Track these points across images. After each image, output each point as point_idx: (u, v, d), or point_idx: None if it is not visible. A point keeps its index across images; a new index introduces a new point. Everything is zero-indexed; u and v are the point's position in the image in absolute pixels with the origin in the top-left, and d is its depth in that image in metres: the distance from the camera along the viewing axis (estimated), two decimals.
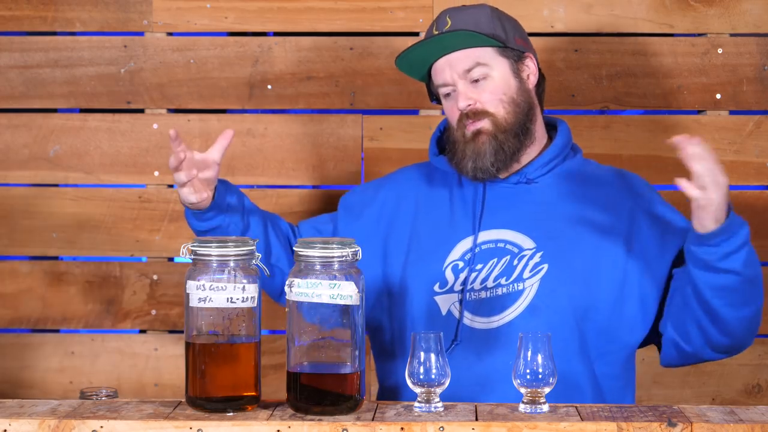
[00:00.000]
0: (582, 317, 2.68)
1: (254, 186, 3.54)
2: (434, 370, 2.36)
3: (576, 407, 2.39)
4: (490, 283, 2.71)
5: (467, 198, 2.81)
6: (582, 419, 2.29)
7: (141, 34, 3.53)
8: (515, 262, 2.71)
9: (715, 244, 2.53)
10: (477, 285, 2.72)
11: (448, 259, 2.76)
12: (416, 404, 2.37)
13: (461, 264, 2.74)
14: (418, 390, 2.37)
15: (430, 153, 2.91)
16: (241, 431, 2.27)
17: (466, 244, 2.76)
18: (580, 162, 2.86)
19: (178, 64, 3.52)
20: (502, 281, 2.71)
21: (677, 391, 3.47)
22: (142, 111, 3.54)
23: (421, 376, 2.36)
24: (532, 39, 3.48)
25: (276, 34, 3.55)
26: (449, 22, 2.76)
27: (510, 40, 2.80)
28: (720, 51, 3.46)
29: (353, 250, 2.35)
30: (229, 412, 2.33)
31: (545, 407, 2.35)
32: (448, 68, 2.77)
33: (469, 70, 2.75)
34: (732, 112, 3.49)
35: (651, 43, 3.48)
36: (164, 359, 3.55)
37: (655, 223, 2.78)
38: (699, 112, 3.49)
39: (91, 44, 3.53)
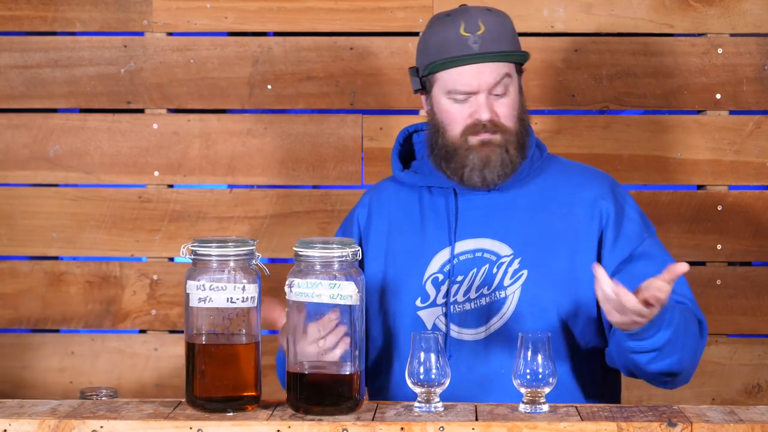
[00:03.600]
0: (567, 319, 2.68)
1: (254, 186, 3.54)
2: (434, 370, 2.36)
3: (576, 407, 2.39)
4: (472, 294, 2.69)
5: (439, 209, 2.77)
6: (582, 419, 2.29)
7: (141, 34, 3.53)
8: (494, 270, 2.69)
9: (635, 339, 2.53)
10: (460, 297, 2.70)
11: (427, 273, 2.73)
12: (416, 404, 2.37)
13: (441, 276, 2.72)
14: (418, 390, 2.37)
15: (394, 168, 2.84)
16: (241, 431, 2.27)
17: (443, 255, 2.74)
18: (548, 161, 2.82)
19: (178, 64, 3.52)
20: (484, 291, 2.69)
21: (677, 391, 3.47)
22: (142, 111, 3.54)
23: (421, 376, 2.36)
24: (532, 39, 3.49)
25: (276, 34, 3.55)
26: (482, 28, 2.68)
27: (524, 56, 2.77)
28: (720, 51, 3.46)
29: (353, 250, 2.35)
30: (229, 412, 2.33)
31: (545, 407, 2.35)
32: (478, 77, 2.68)
33: (496, 84, 2.69)
34: (732, 112, 3.49)
35: (651, 43, 3.48)
36: (164, 359, 3.55)
37: (614, 227, 2.74)
38: (699, 112, 3.49)
39: (91, 44, 3.53)
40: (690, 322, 2.58)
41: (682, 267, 2.39)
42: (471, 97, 2.70)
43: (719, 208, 3.47)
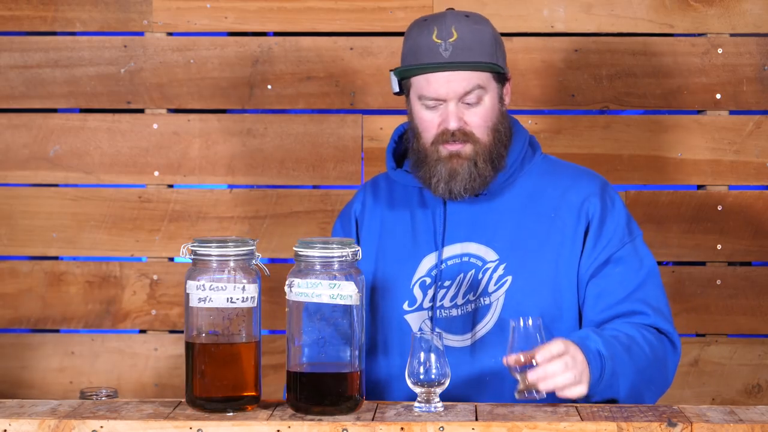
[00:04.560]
0: (550, 325, 2.66)
1: (254, 186, 3.54)
2: (434, 370, 2.36)
3: (576, 407, 2.39)
4: (459, 300, 2.68)
5: (429, 213, 2.76)
6: (582, 419, 2.29)
7: (141, 34, 3.53)
8: (480, 275, 2.68)
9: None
10: (447, 302, 2.69)
11: (415, 277, 2.73)
12: (416, 404, 2.37)
13: (428, 280, 2.71)
14: (418, 390, 2.37)
15: (387, 166, 2.83)
16: (241, 431, 2.27)
17: (431, 259, 2.73)
18: (540, 162, 2.79)
19: (178, 64, 3.52)
20: (470, 297, 2.68)
21: (677, 391, 3.47)
22: (142, 111, 3.54)
23: (421, 376, 2.36)
24: (532, 39, 3.49)
25: (276, 34, 3.55)
26: (455, 35, 2.65)
27: (505, 66, 2.73)
28: (720, 51, 3.46)
29: (353, 250, 2.35)
30: (229, 412, 2.33)
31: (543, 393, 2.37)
32: (446, 85, 2.66)
33: (467, 93, 2.66)
34: (732, 112, 3.49)
35: (651, 43, 3.48)
36: (164, 359, 3.55)
37: (597, 229, 2.73)
38: (699, 112, 3.49)
39: (91, 44, 3.53)
40: (639, 360, 2.58)
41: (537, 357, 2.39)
42: (441, 105, 2.68)
43: (719, 208, 3.47)
